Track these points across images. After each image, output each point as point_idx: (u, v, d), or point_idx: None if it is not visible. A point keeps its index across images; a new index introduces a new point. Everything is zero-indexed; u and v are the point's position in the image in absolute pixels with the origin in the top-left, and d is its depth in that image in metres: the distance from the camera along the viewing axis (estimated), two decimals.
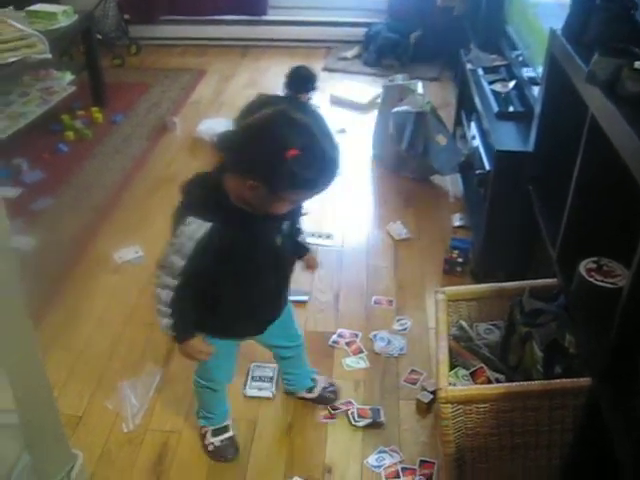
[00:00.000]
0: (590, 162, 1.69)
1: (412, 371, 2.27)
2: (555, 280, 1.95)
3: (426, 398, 2.14)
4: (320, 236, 2.92)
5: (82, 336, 2.43)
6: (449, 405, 1.69)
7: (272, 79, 4.46)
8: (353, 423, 2.08)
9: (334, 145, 1.43)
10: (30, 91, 3.77)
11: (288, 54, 4.78)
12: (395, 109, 3.10)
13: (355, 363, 2.29)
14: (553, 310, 1.86)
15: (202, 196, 1.51)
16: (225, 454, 1.99)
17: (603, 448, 1.38)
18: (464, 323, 2.03)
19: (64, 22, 3.66)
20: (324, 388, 2.16)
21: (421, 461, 1.98)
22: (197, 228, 1.46)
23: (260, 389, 2.20)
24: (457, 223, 3.01)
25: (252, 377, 2.23)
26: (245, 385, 2.21)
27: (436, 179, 3.33)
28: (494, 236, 2.53)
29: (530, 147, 2.28)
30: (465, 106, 3.30)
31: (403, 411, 2.14)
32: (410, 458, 1.99)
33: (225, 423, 2.02)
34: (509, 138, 2.45)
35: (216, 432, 2.00)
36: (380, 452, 2.01)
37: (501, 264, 2.51)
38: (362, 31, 4.75)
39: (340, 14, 4.91)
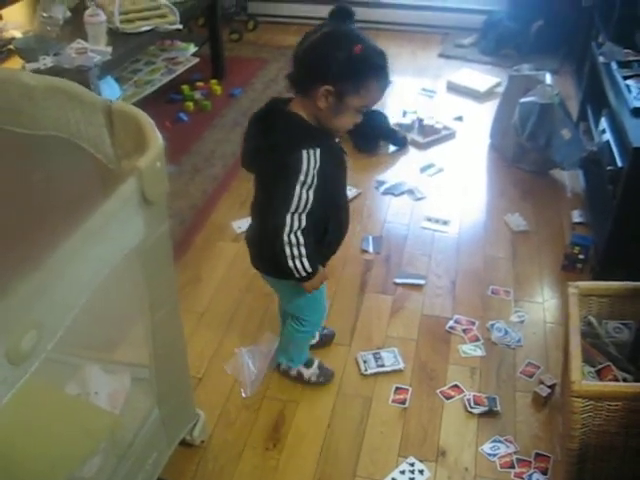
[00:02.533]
0: None
1: (529, 364, 2.24)
2: None
3: (544, 392, 2.11)
4: (437, 221, 2.91)
5: (203, 300, 2.51)
6: (580, 399, 1.66)
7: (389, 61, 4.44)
8: (469, 409, 2.08)
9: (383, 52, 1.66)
10: (156, 60, 3.89)
11: (405, 38, 4.75)
12: (522, 99, 3.04)
13: (472, 350, 2.29)
14: None
15: (297, 129, 1.65)
16: (327, 376, 2.19)
17: None
18: (593, 319, 1.99)
19: None
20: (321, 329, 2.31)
21: (536, 454, 1.97)
22: (313, 158, 1.61)
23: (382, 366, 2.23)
24: (576, 219, 2.93)
25: (364, 360, 2.25)
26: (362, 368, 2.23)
27: (554, 173, 3.25)
28: (621, 235, 2.45)
29: None
30: (592, 100, 3.20)
31: (519, 403, 2.12)
32: (525, 450, 1.98)
33: (308, 355, 2.18)
34: None
35: (307, 365, 2.17)
36: (495, 441, 2.00)
37: (625, 264, 2.43)
38: (480, 18, 4.66)
39: (459, 0, 4.84)
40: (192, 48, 4.04)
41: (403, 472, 1.91)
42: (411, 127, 3.56)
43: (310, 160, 1.60)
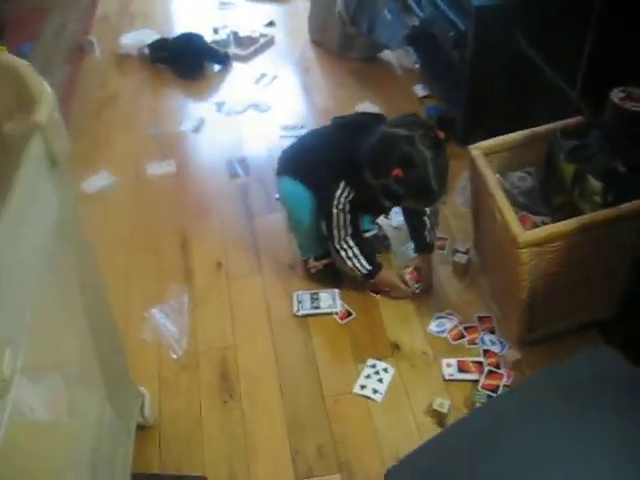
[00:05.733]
0: None
1: (437, 238, 2.26)
2: (578, 118, 1.98)
3: (463, 259, 2.15)
4: (294, 127, 2.80)
5: None
6: (527, 250, 1.69)
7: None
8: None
9: (440, 181, 1.78)
10: None
11: None
12: None
13: None
14: (591, 143, 1.88)
15: (352, 170, 1.88)
16: (325, 277, 2.15)
17: None
18: (498, 175, 2.02)
19: None
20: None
21: (479, 317, 2.01)
22: (347, 192, 1.91)
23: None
24: (422, 93, 2.96)
25: (299, 301, 2.10)
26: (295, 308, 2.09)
27: (384, 56, 3.25)
28: (478, 97, 2.51)
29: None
30: None
31: (442, 276, 2.15)
32: (467, 317, 2.01)
33: (324, 252, 2.15)
34: None
35: (317, 258, 2.15)
36: (437, 318, 2.02)
37: (489, 124, 2.49)
38: None
39: None
40: None
41: (369, 376, 1.87)
42: (228, 42, 3.35)
43: (344, 192, 1.91)
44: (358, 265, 2.00)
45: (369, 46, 3.17)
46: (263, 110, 2.95)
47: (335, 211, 1.94)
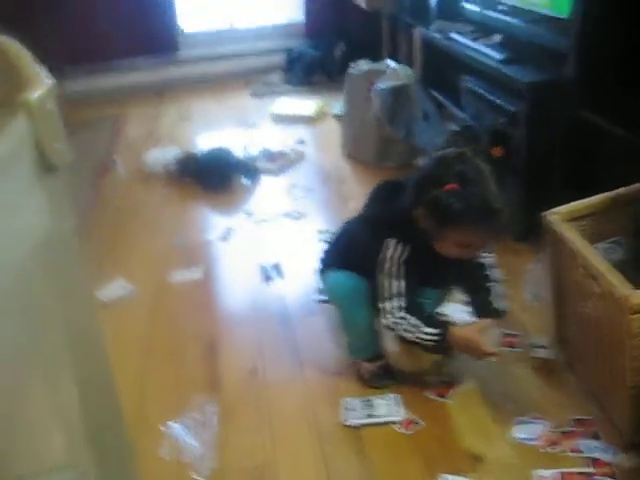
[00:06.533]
0: None
1: (504, 335, 1.91)
2: None
3: (543, 353, 1.81)
4: (333, 233, 2.54)
5: None
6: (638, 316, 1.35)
7: (202, 114, 4.10)
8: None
9: (499, 200, 1.51)
10: None
11: (208, 90, 4.45)
12: (379, 86, 2.83)
13: None
14: None
15: (399, 223, 1.63)
16: (379, 381, 1.81)
17: None
18: None
19: None
20: None
21: (575, 420, 1.62)
22: (399, 251, 1.63)
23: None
24: None
25: (346, 408, 1.73)
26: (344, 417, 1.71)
27: (421, 162, 3.06)
28: (538, 181, 2.26)
29: (570, 73, 2.07)
30: (437, 83, 3.09)
31: (520, 375, 1.78)
32: (558, 422, 1.62)
33: (378, 352, 1.84)
34: (532, 74, 2.24)
35: (370, 359, 1.83)
36: (520, 423, 1.63)
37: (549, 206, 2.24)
38: (280, 57, 4.52)
39: (256, 44, 4.69)
40: None
41: None
42: (258, 157, 3.21)
43: (393, 253, 1.64)
44: (422, 335, 1.64)
45: (406, 153, 3.00)
46: (297, 217, 2.73)
47: (385, 277, 1.64)
